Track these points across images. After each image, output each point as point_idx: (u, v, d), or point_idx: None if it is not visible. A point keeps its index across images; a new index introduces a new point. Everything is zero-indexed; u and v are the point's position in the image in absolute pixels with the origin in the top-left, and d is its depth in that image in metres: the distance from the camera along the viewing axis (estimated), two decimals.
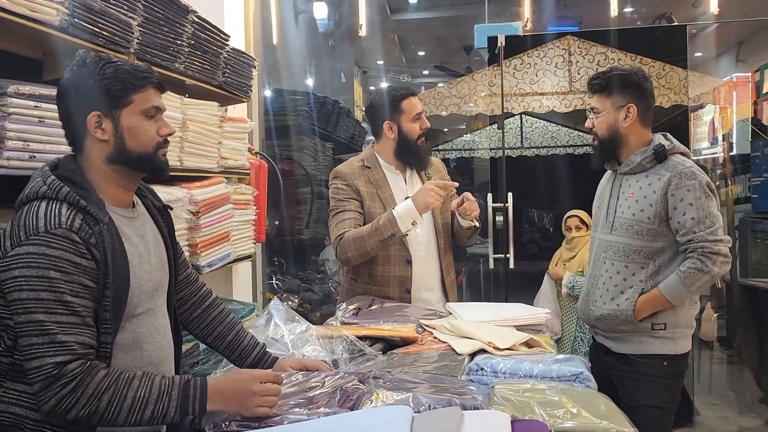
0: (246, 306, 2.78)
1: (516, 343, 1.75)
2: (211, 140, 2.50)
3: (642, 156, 2.15)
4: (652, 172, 2.14)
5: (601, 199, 2.34)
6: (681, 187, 2.06)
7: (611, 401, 1.38)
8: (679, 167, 2.10)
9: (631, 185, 2.18)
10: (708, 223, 2.04)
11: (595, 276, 2.26)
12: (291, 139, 4.61)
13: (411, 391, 1.35)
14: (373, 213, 2.42)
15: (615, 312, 2.15)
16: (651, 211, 2.10)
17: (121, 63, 1.40)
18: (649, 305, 2.11)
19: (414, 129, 2.46)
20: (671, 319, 2.13)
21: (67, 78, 1.38)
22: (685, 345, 2.17)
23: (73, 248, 1.27)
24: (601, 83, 2.20)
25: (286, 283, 4.79)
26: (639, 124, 2.19)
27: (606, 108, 2.19)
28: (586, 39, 4.68)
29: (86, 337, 1.26)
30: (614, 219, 2.20)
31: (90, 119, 1.36)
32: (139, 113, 1.40)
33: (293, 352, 1.81)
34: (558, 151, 8.34)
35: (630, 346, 2.18)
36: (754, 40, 7.50)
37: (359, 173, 2.48)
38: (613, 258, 2.19)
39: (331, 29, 7.42)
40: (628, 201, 2.17)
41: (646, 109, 2.19)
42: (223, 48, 2.59)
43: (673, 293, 2.08)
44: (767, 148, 4.99)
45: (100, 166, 1.39)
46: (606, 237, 2.23)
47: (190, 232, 2.32)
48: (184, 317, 1.69)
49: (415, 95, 2.49)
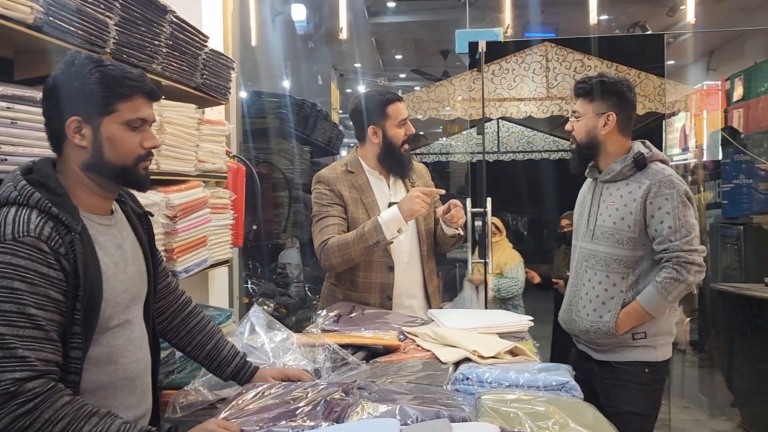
0: (223, 312, 2.73)
1: (500, 351, 1.74)
2: (188, 143, 2.45)
3: (622, 164, 2.17)
4: (632, 180, 2.16)
5: (582, 206, 2.35)
6: (660, 196, 2.08)
7: (598, 411, 1.37)
8: (658, 175, 2.11)
9: (612, 193, 2.20)
10: (684, 232, 2.06)
11: (577, 285, 2.27)
12: (268, 142, 4.56)
13: (397, 402, 1.32)
14: (356, 219, 2.39)
15: (598, 325, 2.16)
16: (631, 219, 2.11)
17: (112, 68, 1.33)
18: (629, 319, 2.12)
19: (398, 135, 2.43)
20: (651, 328, 2.15)
21: (54, 77, 1.32)
22: (666, 352, 2.19)
23: (41, 258, 1.20)
24: (585, 88, 2.22)
25: (261, 287, 4.73)
26: (617, 133, 2.21)
27: (587, 113, 2.22)
28: (565, 46, 4.73)
29: (48, 353, 1.19)
30: (595, 227, 2.21)
31: (69, 123, 1.30)
32: (121, 123, 1.33)
33: (274, 361, 1.77)
34: (534, 156, 8.43)
35: (611, 354, 2.19)
36: (724, 49, 7.67)
37: (342, 178, 2.45)
38: (595, 267, 2.20)
39: (308, 31, 7.38)
40: (609, 209, 2.18)
41: (626, 119, 2.21)
42: (201, 49, 2.54)
43: (652, 304, 2.09)
44: (737, 155, 5.10)
45: (77, 172, 1.34)
46: (587, 245, 2.24)
47: (166, 237, 2.26)
48: (162, 327, 1.64)
49: (402, 101, 2.47)
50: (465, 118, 5.07)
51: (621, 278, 2.15)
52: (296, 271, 5.24)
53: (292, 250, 5.26)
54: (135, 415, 1.40)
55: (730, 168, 5.18)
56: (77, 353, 1.26)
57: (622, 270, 2.14)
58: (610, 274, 2.16)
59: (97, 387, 1.33)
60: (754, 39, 6.33)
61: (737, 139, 5.04)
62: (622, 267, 2.14)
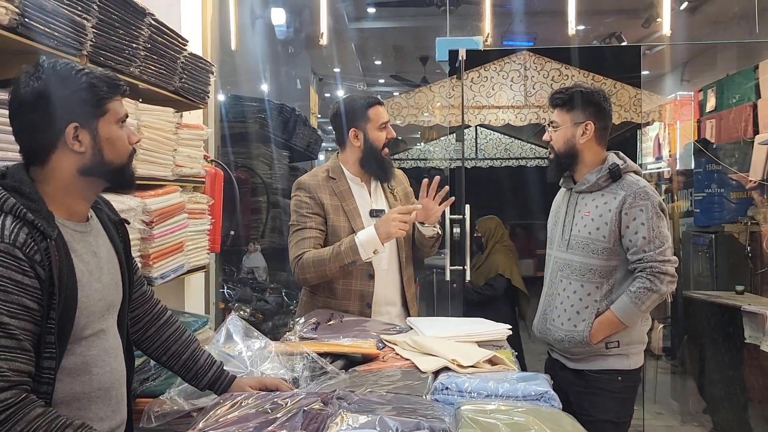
0: (199, 318, 2.69)
1: (480, 360, 1.74)
2: (166, 147, 2.42)
3: (597, 175, 2.20)
4: (607, 191, 2.19)
5: (556, 216, 2.37)
6: (634, 207, 2.11)
7: (577, 422, 1.38)
8: (633, 186, 2.15)
9: (587, 204, 2.22)
10: (658, 243, 2.09)
11: (551, 294, 2.28)
12: (247, 146, 4.53)
13: (377, 413, 1.32)
14: (337, 227, 2.38)
15: (572, 334, 2.18)
16: (606, 229, 2.14)
17: (90, 70, 1.33)
18: (603, 328, 2.14)
19: (380, 138, 2.42)
20: (624, 337, 2.17)
21: (33, 87, 1.26)
22: (638, 360, 2.22)
23: (15, 265, 1.18)
24: (563, 98, 2.24)
25: (237, 292, 4.69)
26: (595, 142, 2.23)
27: (565, 123, 2.24)
28: (543, 55, 4.78)
29: (21, 363, 1.16)
30: (570, 237, 2.23)
31: (68, 131, 1.28)
32: (114, 122, 1.34)
33: (251, 369, 1.75)
34: (512, 162, 8.50)
35: (585, 363, 2.21)
36: (698, 61, 7.81)
37: (324, 185, 2.43)
38: (570, 277, 2.22)
39: (288, 36, 7.34)
40: (584, 220, 2.20)
41: (603, 129, 2.25)
42: (180, 53, 2.51)
43: (625, 314, 2.12)
44: (709, 164, 5.20)
45: (68, 178, 1.31)
46: (562, 255, 2.26)
47: (142, 242, 2.23)
48: (137, 336, 1.61)
49: (382, 104, 2.47)
50: (444, 124, 5.10)
51: (595, 288, 2.17)
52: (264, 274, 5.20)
53: (255, 254, 5.21)
54: (110, 427, 1.38)
55: (702, 177, 5.28)
56: (50, 363, 1.23)
57: (597, 280, 2.17)
58: (585, 283, 2.18)
59: (71, 398, 1.30)
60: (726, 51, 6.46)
61: (710, 149, 5.14)
62: (596, 277, 2.17)
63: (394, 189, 2.55)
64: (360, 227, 2.37)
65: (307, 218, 2.38)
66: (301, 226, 2.38)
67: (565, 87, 2.28)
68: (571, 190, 2.30)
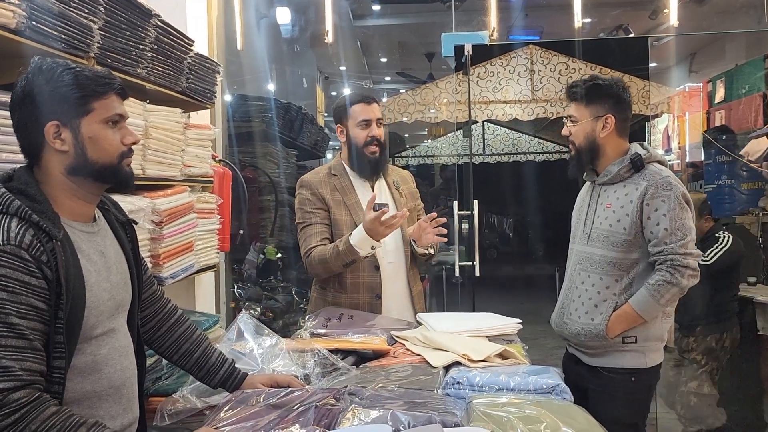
0: (210, 317, 2.70)
1: (490, 355, 1.74)
2: (174, 148, 2.43)
3: (619, 166, 2.13)
4: (629, 182, 2.12)
5: (580, 210, 2.31)
6: (656, 197, 2.04)
7: (589, 414, 1.38)
8: (656, 176, 2.07)
9: (609, 196, 2.16)
10: (680, 235, 2.02)
11: (570, 288, 2.24)
12: (254, 145, 4.54)
13: (388, 407, 1.32)
14: (339, 221, 2.40)
15: (588, 327, 2.12)
16: (627, 221, 2.08)
17: (80, 69, 1.32)
18: (621, 322, 2.08)
19: (359, 135, 2.43)
20: (642, 333, 2.11)
21: (22, 86, 1.30)
22: (656, 357, 2.15)
23: (22, 266, 1.18)
24: (580, 92, 2.16)
25: (247, 291, 4.70)
26: (616, 135, 2.16)
27: (584, 117, 2.16)
28: (549, 49, 4.76)
29: (33, 363, 1.17)
30: (591, 230, 2.18)
31: (48, 129, 1.28)
32: (100, 122, 1.32)
33: (263, 367, 1.76)
34: (519, 158, 8.48)
35: (600, 359, 2.15)
36: (706, 52, 7.77)
37: (325, 181, 2.46)
38: (589, 270, 2.16)
39: (293, 35, 7.36)
40: (606, 212, 2.14)
41: (623, 121, 2.17)
42: (187, 53, 2.51)
43: (644, 307, 2.05)
44: (719, 156, 5.16)
45: (59, 178, 1.31)
46: (583, 248, 2.21)
47: (152, 242, 2.23)
48: (148, 336, 1.62)
49: (369, 102, 2.45)
50: (451, 120, 5.09)
51: (615, 281, 2.11)
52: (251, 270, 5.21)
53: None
54: (122, 424, 1.38)
55: (712, 169, 5.24)
56: (60, 363, 1.24)
57: (616, 273, 2.11)
58: (604, 276, 2.12)
59: (82, 396, 1.31)
60: (735, 41, 6.41)
61: (720, 140, 5.10)
62: (616, 270, 2.11)
63: (399, 186, 2.55)
64: (362, 220, 2.37)
65: (311, 214, 2.41)
66: (307, 223, 2.42)
67: (582, 79, 2.20)
68: (594, 182, 2.24)
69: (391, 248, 2.45)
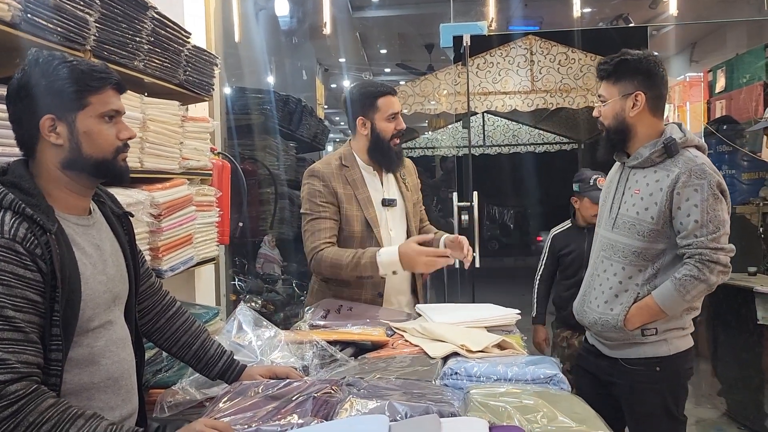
0: (210, 310, 2.71)
1: (488, 345, 1.74)
2: (172, 140, 2.42)
3: (651, 149, 1.99)
4: (661, 168, 1.98)
5: (607, 192, 2.18)
6: (688, 186, 1.91)
7: (586, 404, 1.38)
8: (690, 164, 1.93)
9: (638, 180, 2.03)
10: (711, 228, 1.90)
11: (592, 275, 2.14)
12: (253, 138, 4.53)
13: (386, 398, 1.32)
14: (350, 216, 2.36)
15: (606, 317, 2.04)
16: (655, 210, 1.95)
17: (77, 62, 1.32)
18: (640, 315, 1.98)
19: (388, 129, 2.39)
20: (662, 324, 2.01)
21: (18, 78, 1.30)
22: (681, 344, 2.03)
23: (16, 260, 1.19)
24: (607, 69, 2.04)
25: (248, 284, 4.71)
26: (649, 114, 2.01)
27: (612, 96, 2.03)
28: (548, 39, 4.74)
29: (29, 355, 1.18)
30: (617, 216, 2.06)
31: (43, 123, 1.28)
32: (96, 116, 1.32)
33: (262, 358, 1.76)
34: (519, 149, 8.47)
35: (620, 351, 2.07)
36: (706, 41, 7.74)
37: (337, 173, 2.40)
38: (612, 258, 2.06)
39: (292, 26, 7.33)
40: (633, 198, 2.02)
41: (656, 98, 2.02)
42: (184, 45, 2.51)
43: (667, 302, 1.94)
44: (720, 146, 5.14)
45: (54, 172, 1.32)
46: (608, 234, 2.10)
47: (151, 235, 2.24)
48: (146, 328, 1.62)
49: (394, 94, 2.42)
50: (450, 112, 5.08)
51: (638, 271, 2.00)
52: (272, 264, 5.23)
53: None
54: (120, 416, 1.39)
55: (712, 159, 5.23)
56: (57, 355, 1.24)
57: (641, 263, 2.00)
58: (627, 266, 2.01)
59: (80, 388, 1.31)
60: (736, 30, 6.38)
61: (722, 130, 5.08)
62: (640, 260, 1.99)
63: (405, 179, 2.54)
64: (372, 216, 2.37)
65: (321, 207, 2.35)
66: (316, 216, 2.35)
67: (611, 56, 2.05)
68: (624, 164, 2.11)
69: (396, 243, 2.43)
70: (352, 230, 2.36)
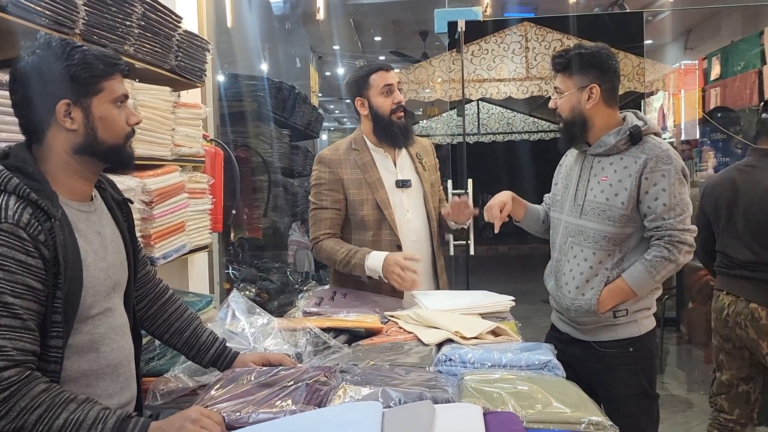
0: (203, 298, 2.70)
1: (483, 332, 1.74)
2: (164, 127, 2.40)
3: (616, 137, 2.05)
4: (627, 155, 2.05)
5: (567, 179, 2.22)
6: (656, 171, 1.98)
7: (581, 389, 1.38)
8: (656, 150, 2.01)
9: (605, 168, 2.08)
10: (678, 210, 1.98)
11: (560, 261, 2.19)
12: (246, 125, 4.50)
13: (379, 384, 1.32)
14: (360, 201, 2.35)
15: (579, 302, 2.09)
16: (625, 195, 2.01)
17: (87, 48, 1.32)
18: (612, 296, 2.05)
19: (385, 103, 2.36)
20: (632, 305, 2.09)
21: (27, 62, 1.27)
22: (648, 324, 2.12)
23: (19, 245, 1.18)
24: (562, 62, 2.09)
25: (242, 272, 4.70)
26: (604, 105, 2.08)
27: (569, 88, 2.09)
28: (544, 25, 4.72)
29: (26, 343, 1.17)
30: (584, 202, 2.11)
31: (59, 108, 1.27)
32: (109, 101, 1.33)
33: (254, 346, 1.75)
34: (514, 137, 8.47)
35: (593, 334, 2.13)
36: (701, 28, 7.71)
37: (345, 158, 2.39)
38: (582, 244, 2.11)
39: (285, 12, 7.26)
40: (601, 184, 2.07)
41: (610, 90, 2.09)
42: (175, 30, 2.48)
43: (639, 282, 2.02)
44: (714, 134, 5.15)
45: (63, 157, 1.30)
46: (575, 221, 2.14)
47: (143, 222, 2.22)
48: (139, 315, 1.61)
49: (388, 69, 2.39)
50: (445, 99, 5.06)
51: (607, 255, 2.06)
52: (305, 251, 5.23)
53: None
54: (119, 402, 1.39)
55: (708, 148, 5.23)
56: (57, 342, 1.24)
57: (610, 247, 2.06)
58: (597, 251, 2.07)
59: (80, 375, 1.31)
60: (731, 17, 6.36)
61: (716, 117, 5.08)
62: (609, 244, 2.06)
63: (422, 159, 2.50)
64: (383, 198, 2.35)
65: (323, 196, 2.37)
66: (318, 206, 2.38)
67: (566, 49, 2.13)
68: (585, 152, 2.16)
69: (414, 225, 2.41)
70: (362, 215, 2.35)
